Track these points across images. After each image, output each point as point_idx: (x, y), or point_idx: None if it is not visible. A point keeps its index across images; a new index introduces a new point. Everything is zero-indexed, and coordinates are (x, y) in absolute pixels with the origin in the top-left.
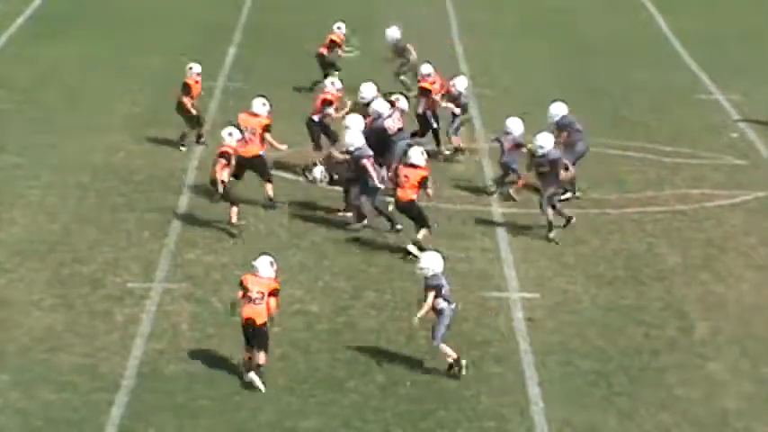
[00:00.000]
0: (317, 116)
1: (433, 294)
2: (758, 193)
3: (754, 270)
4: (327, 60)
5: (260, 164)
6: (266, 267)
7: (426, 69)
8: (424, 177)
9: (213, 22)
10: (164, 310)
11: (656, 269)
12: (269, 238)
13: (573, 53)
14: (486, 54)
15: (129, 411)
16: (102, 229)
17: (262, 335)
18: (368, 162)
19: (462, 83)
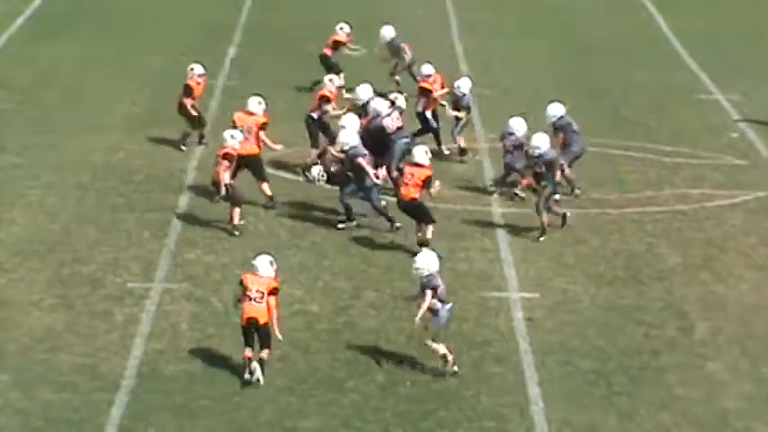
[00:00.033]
0: (315, 113)
1: (431, 294)
2: (758, 193)
3: (754, 270)
4: (331, 62)
5: (255, 163)
6: (266, 267)
7: (428, 70)
8: (429, 177)
9: (213, 22)
10: (164, 310)
11: (656, 269)
12: (269, 238)
13: (573, 53)
14: (486, 54)
15: (129, 411)
16: (102, 229)
17: (265, 334)
18: (363, 160)
19: (466, 84)
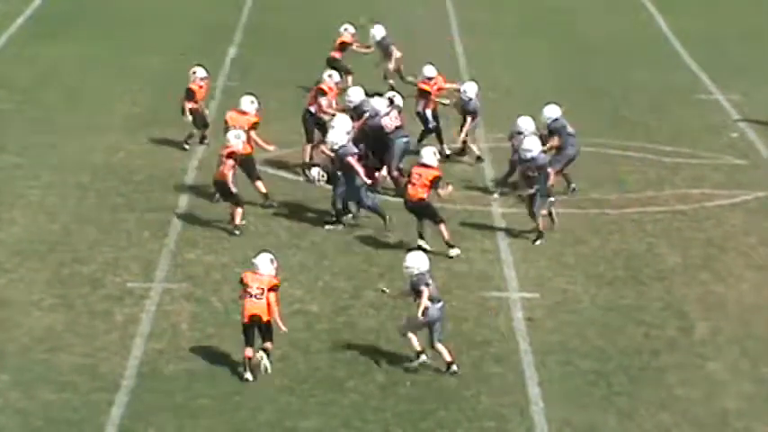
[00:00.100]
0: (312, 107)
1: (428, 292)
2: (758, 193)
3: (754, 270)
4: (341, 64)
5: (247, 162)
6: (266, 265)
7: (429, 72)
8: (437, 177)
9: (213, 22)
10: (164, 310)
11: (656, 269)
12: (269, 237)
13: (573, 53)
14: (487, 54)
15: (129, 411)
16: (102, 229)
17: (267, 330)
18: (353, 159)
19: (472, 89)
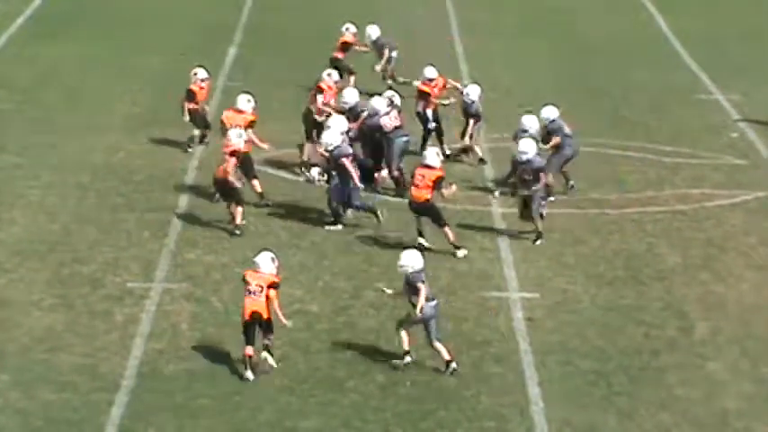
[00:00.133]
0: (313, 106)
1: (424, 289)
2: (758, 193)
3: (754, 270)
4: (344, 65)
5: (246, 161)
6: (267, 263)
7: (431, 73)
8: (440, 178)
9: (213, 22)
10: (164, 310)
11: (656, 269)
12: (269, 237)
13: (573, 53)
14: (487, 54)
15: (129, 411)
16: (102, 229)
17: (268, 326)
18: (347, 161)
19: (475, 91)
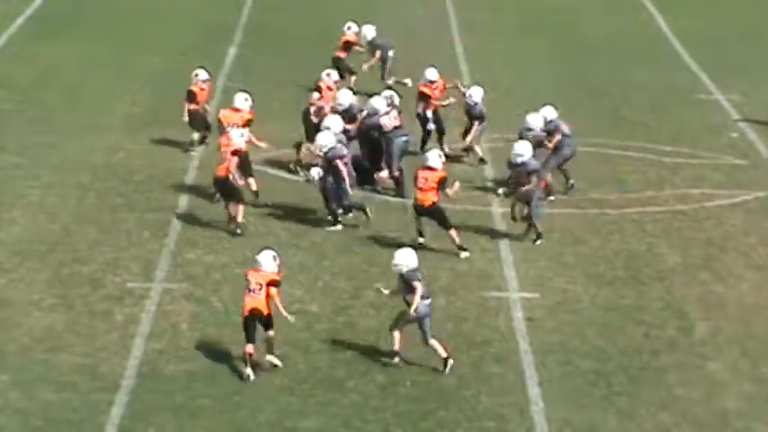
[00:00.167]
0: (312, 107)
1: (420, 288)
2: (758, 193)
3: (754, 270)
4: (345, 64)
5: (242, 159)
6: (268, 261)
7: (432, 75)
8: (443, 179)
9: (213, 22)
10: (164, 310)
11: (656, 269)
12: (269, 237)
13: (573, 53)
14: (487, 54)
15: (129, 411)
16: (102, 229)
17: (268, 322)
18: (340, 162)
19: (478, 93)
